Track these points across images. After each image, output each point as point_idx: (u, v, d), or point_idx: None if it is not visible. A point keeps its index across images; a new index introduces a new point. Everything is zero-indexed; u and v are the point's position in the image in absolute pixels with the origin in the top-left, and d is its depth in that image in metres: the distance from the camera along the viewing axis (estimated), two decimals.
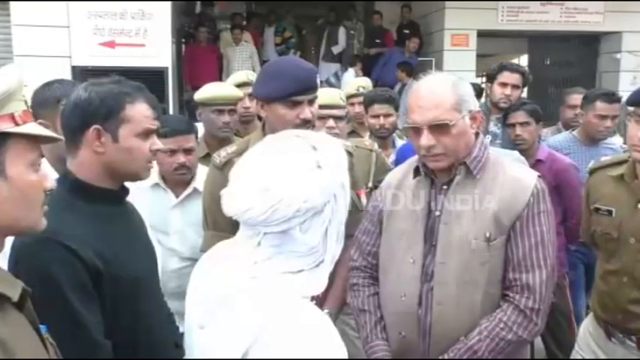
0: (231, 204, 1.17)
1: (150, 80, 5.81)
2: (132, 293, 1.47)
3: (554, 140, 3.54)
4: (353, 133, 3.50)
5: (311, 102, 1.85)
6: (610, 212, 2.03)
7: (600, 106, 3.28)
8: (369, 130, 3.34)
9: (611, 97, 3.34)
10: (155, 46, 7.14)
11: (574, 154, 3.32)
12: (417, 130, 1.66)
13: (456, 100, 1.63)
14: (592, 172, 2.19)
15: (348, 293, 1.92)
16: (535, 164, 2.90)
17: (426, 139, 1.63)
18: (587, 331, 2.20)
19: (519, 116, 3.11)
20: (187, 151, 2.33)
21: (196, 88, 3.22)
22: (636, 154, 1.90)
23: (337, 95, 2.83)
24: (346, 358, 1.13)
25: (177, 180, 2.38)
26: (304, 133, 1.26)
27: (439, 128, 1.62)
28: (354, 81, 3.29)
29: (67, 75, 6.38)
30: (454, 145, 1.64)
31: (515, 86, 3.50)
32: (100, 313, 1.40)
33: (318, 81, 1.89)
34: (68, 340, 1.15)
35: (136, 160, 1.49)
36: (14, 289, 0.98)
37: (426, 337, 1.67)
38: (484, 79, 12.90)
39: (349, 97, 3.43)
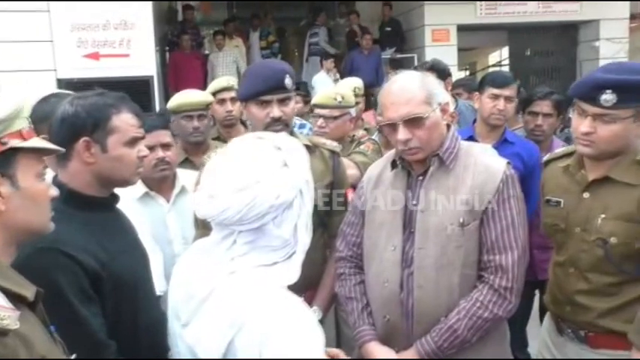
0: (207, 207, 1.27)
1: (135, 89, 5.87)
2: (131, 293, 1.55)
3: None
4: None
5: (283, 101, 1.96)
6: (559, 203, 2.00)
7: None
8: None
9: None
10: (139, 56, 7.20)
11: None
12: (392, 126, 1.76)
13: (425, 94, 1.74)
14: (546, 164, 2.15)
15: (335, 283, 2.02)
16: None
17: (402, 133, 1.73)
18: (544, 326, 2.18)
19: (545, 106, 2.90)
20: (165, 147, 2.31)
21: None
22: (580, 148, 1.87)
23: (330, 96, 2.86)
24: (321, 336, 1.23)
25: (159, 179, 2.33)
26: (265, 135, 1.37)
27: (413, 122, 1.72)
28: (349, 82, 3.27)
29: (53, 88, 6.44)
30: (428, 138, 1.74)
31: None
32: (102, 314, 1.47)
33: (289, 81, 1.94)
34: (75, 343, 1.21)
35: (126, 167, 1.58)
36: (29, 291, 1.08)
37: (409, 319, 1.77)
38: (467, 73, 13.02)
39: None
